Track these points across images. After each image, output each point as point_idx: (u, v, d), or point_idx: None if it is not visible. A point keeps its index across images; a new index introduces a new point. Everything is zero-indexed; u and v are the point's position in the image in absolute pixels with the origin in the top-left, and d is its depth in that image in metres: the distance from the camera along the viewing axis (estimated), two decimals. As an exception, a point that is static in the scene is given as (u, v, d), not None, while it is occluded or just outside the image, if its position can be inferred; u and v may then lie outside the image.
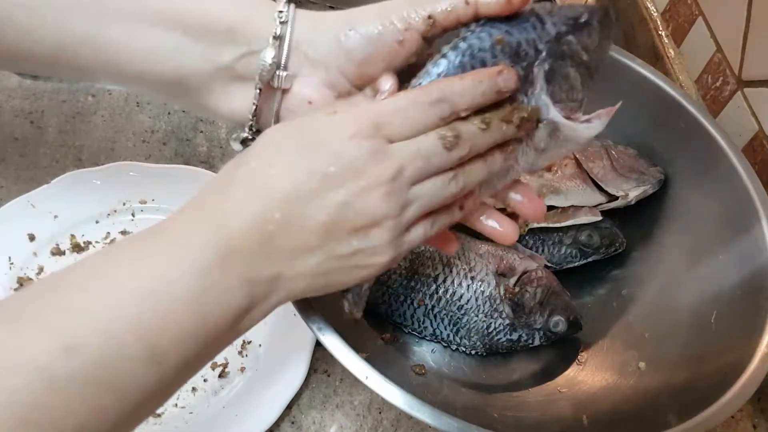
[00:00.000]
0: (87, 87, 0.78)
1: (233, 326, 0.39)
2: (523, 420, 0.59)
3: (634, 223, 0.70)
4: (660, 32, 0.84)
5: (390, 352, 0.61)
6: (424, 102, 0.41)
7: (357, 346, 0.56)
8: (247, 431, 0.57)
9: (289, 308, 0.52)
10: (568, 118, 0.46)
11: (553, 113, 0.45)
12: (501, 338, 0.61)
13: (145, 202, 0.69)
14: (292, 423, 0.60)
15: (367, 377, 0.49)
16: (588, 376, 0.61)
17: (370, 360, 0.49)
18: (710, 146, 0.64)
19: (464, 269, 0.60)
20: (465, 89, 0.41)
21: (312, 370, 0.62)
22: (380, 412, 0.62)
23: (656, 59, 0.82)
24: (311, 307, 0.51)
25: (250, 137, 0.48)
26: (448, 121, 0.42)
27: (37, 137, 0.74)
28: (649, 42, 0.84)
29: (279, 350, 0.62)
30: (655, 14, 0.85)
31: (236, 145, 0.49)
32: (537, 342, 0.62)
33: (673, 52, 0.82)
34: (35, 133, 0.74)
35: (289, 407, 0.59)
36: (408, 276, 0.60)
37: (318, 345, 0.61)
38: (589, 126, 0.46)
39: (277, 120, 0.48)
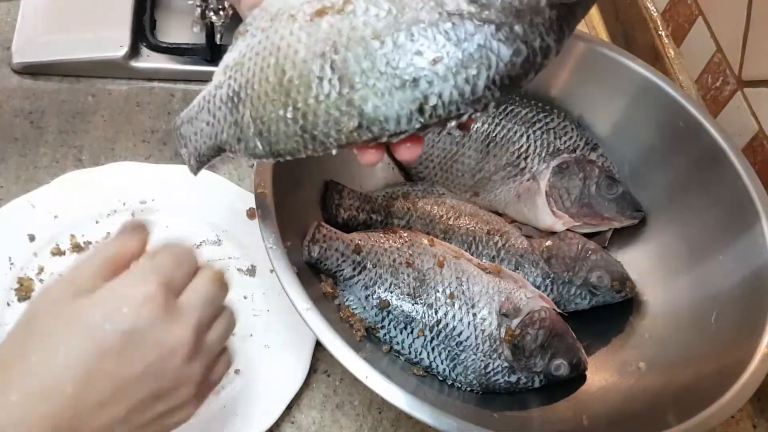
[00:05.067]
0: (87, 87, 0.79)
1: None
2: (523, 420, 0.59)
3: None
4: (660, 32, 0.84)
5: (390, 353, 0.60)
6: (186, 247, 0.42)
7: (357, 346, 0.56)
8: (247, 431, 0.57)
9: (290, 308, 0.52)
10: None
11: None
12: (499, 379, 0.59)
13: (145, 202, 0.69)
14: (292, 423, 0.60)
15: (367, 377, 0.49)
16: (588, 376, 0.61)
17: (370, 360, 0.49)
18: (710, 146, 0.64)
19: (467, 305, 0.59)
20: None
21: (312, 370, 0.62)
22: (380, 412, 0.62)
23: (656, 59, 0.82)
24: (313, 306, 0.51)
25: (201, 6, 0.49)
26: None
27: (37, 137, 0.74)
28: (649, 42, 0.84)
29: (279, 350, 0.62)
30: (655, 14, 0.85)
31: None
32: (537, 384, 0.60)
33: (673, 52, 0.82)
34: (35, 133, 0.74)
35: (289, 407, 0.59)
36: (411, 303, 0.59)
37: (318, 345, 0.61)
38: None
39: None
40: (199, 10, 0.50)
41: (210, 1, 0.50)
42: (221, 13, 0.51)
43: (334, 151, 0.42)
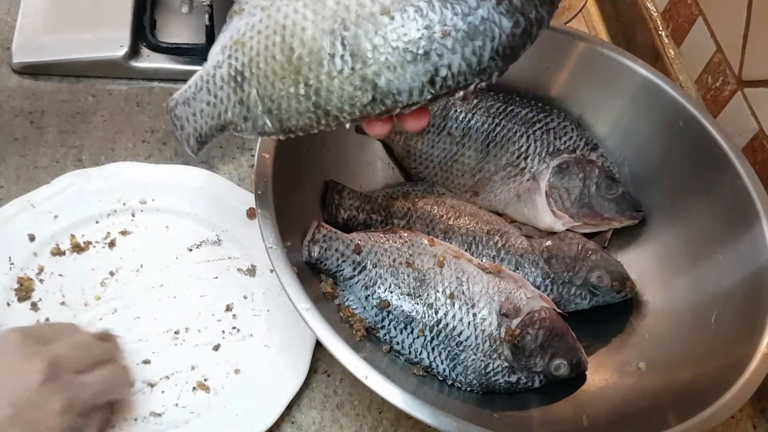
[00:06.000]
0: (87, 87, 0.79)
1: None
2: (523, 420, 0.59)
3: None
4: (660, 32, 0.84)
5: (390, 353, 0.60)
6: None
7: (357, 346, 0.56)
8: (247, 431, 0.57)
9: (290, 308, 0.52)
10: None
11: None
12: (499, 380, 0.59)
13: (145, 202, 0.69)
14: (292, 423, 0.60)
15: (367, 377, 0.49)
16: (588, 376, 0.61)
17: (370, 360, 0.49)
18: (710, 146, 0.64)
19: (467, 305, 0.59)
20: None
21: (312, 370, 0.62)
22: (380, 412, 0.62)
23: (656, 59, 0.82)
24: (313, 306, 0.51)
25: None
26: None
27: (37, 137, 0.74)
28: (649, 42, 0.84)
29: (279, 350, 0.62)
30: (655, 14, 0.85)
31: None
32: (537, 384, 0.60)
33: (673, 52, 0.82)
34: (35, 133, 0.74)
35: (289, 407, 0.59)
36: (411, 303, 0.59)
37: (318, 345, 0.61)
38: None
39: None
40: None
41: None
42: None
43: (347, 125, 0.43)
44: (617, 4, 0.92)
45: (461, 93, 0.41)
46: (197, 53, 0.79)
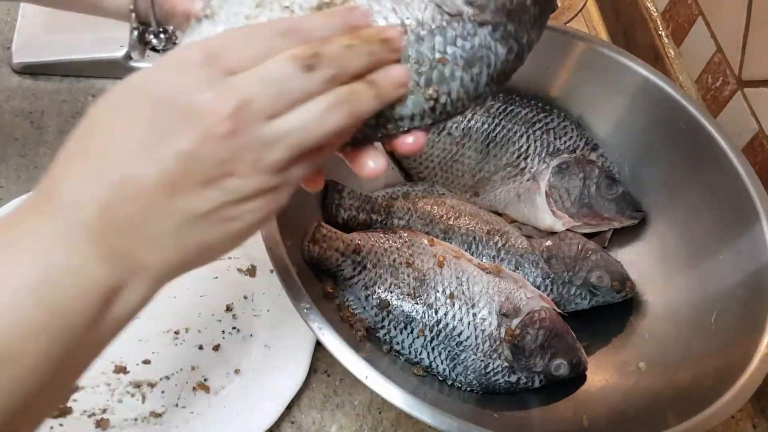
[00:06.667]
0: (87, 87, 0.79)
1: (96, 320, 0.34)
2: (523, 420, 0.59)
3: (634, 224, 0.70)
4: (660, 32, 0.84)
5: (390, 353, 0.60)
6: (270, 32, 0.35)
7: (357, 346, 0.56)
8: (247, 431, 0.57)
9: (290, 308, 0.52)
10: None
11: None
12: (499, 379, 0.59)
13: (145, 202, 0.69)
14: (292, 423, 0.60)
15: (367, 377, 0.49)
16: (588, 376, 0.61)
17: (370, 360, 0.49)
18: (710, 146, 0.64)
19: (467, 305, 0.59)
20: (317, 22, 0.36)
21: (312, 370, 0.62)
22: (380, 412, 0.62)
23: (656, 59, 0.82)
24: (313, 306, 0.51)
25: (138, 29, 0.51)
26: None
27: (37, 137, 0.74)
28: (649, 42, 0.84)
29: (279, 350, 0.62)
30: (655, 14, 0.85)
31: (135, 54, 0.53)
32: (537, 384, 0.60)
33: (673, 52, 0.82)
34: (35, 133, 0.74)
35: (289, 407, 0.59)
36: (411, 303, 0.59)
37: (318, 345, 0.61)
38: None
39: (154, 9, 0.50)
40: (136, 33, 0.50)
41: (150, 24, 0.50)
42: (162, 36, 0.51)
43: (348, 149, 0.43)
44: (617, 4, 0.92)
45: (458, 117, 0.42)
46: (197, 53, 0.79)
